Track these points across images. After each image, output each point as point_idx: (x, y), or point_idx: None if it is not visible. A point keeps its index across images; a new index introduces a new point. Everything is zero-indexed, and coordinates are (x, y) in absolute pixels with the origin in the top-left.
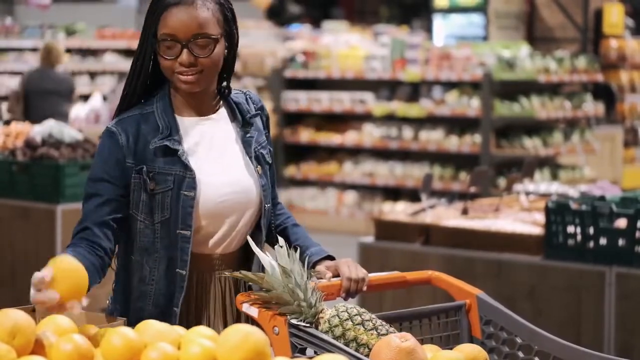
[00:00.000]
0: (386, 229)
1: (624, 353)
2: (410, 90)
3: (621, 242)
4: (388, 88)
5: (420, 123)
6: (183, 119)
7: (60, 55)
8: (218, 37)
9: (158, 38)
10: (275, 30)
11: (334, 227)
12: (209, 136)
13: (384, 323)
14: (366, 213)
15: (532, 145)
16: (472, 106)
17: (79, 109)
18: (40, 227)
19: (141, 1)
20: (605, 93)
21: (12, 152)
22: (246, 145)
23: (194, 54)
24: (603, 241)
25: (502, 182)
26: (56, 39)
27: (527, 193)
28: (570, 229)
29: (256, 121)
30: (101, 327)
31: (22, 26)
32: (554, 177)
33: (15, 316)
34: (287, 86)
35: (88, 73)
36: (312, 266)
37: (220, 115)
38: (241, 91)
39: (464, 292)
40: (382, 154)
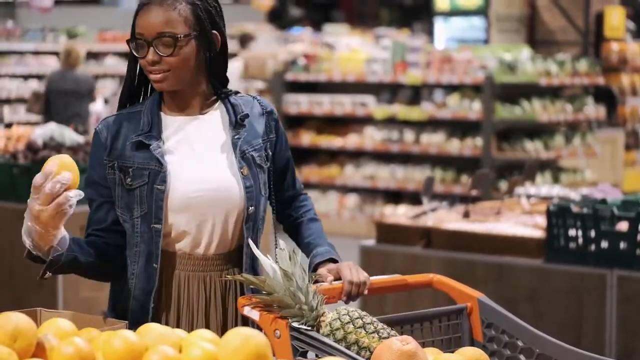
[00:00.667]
0: (387, 232)
1: (625, 356)
2: (411, 93)
3: (622, 245)
4: (389, 91)
5: (421, 126)
6: (168, 117)
7: (79, 57)
8: (182, 37)
9: (134, 38)
10: (276, 33)
11: (336, 230)
12: (193, 135)
13: (385, 326)
14: (367, 216)
15: (534, 148)
16: (474, 109)
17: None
18: None
19: None
20: (606, 96)
21: (14, 155)
22: (233, 146)
23: (159, 53)
24: (604, 244)
25: (504, 185)
26: (58, 42)
27: (529, 196)
28: (571, 232)
29: (252, 123)
30: (102, 330)
31: (24, 29)
32: (555, 180)
33: (16, 319)
34: (288, 89)
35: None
36: (314, 268)
37: (211, 116)
38: (251, 96)
39: (465, 295)
40: (384, 157)
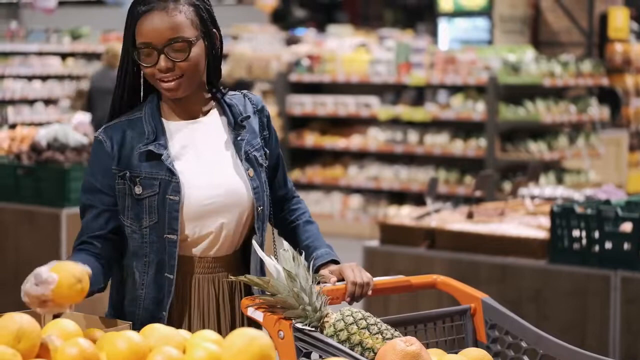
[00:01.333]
0: (391, 233)
1: (629, 357)
2: (415, 94)
3: (626, 246)
4: (393, 92)
5: (425, 127)
6: (170, 123)
7: (117, 56)
8: (194, 40)
9: (137, 47)
10: (280, 34)
11: (339, 231)
12: (197, 140)
13: (389, 327)
14: (371, 217)
15: (537, 149)
16: (477, 110)
17: (84, 113)
18: (45, 231)
19: None
20: (610, 97)
21: (18, 156)
22: (237, 148)
23: (171, 59)
24: (608, 245)
25: (507, 186)
26: (61, 43)
27: (532, 197)
28: (575, 233)
29: (250, 123)
30: (106, 331)
31: (28, 30)
32: (559, 181)
33: (20, 320)
34: (292, 90)
35: None
36: (316, 271)
37: (211, 118)
38: (240, 92)
39: (469, 296)
40: (387, 158)
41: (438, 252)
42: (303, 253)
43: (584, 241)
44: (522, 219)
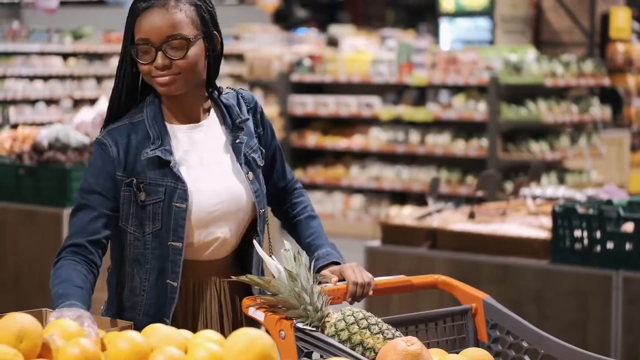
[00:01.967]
0: (393, 233)
1: (631, 357)
2: (416, 94)
3: (628, 246)
4: (395, 92)
5: (426, 127)
6: (173, 127)
7: None
8: (192, 38)
9: (135, 44)
10: (281, 34)
11: (341, 231)
12: (199, 144)
13: (390, 327)
14: (373, 217)
15: (539, 149)
16: (479, 110)
17: (86, 113)
18: (46, 231)
19: None
20: (612, 97)
21: (19, 156)
22: (236, 151)
23: (169, 57)
24: (610, 245)
25: (509, 186)
26: (63, 43)
27: (534, 197)
28: (577, 233)
29: (247, 124)
30: (108, 331)
31: (29, 30)
32: (561, 181)
33: (22, 320)
34: (294, 90)
35: (95, 77)
36: (318, 270)
37: (210, 120)
38: (233, 90)
39: (470, 296)
40: (389, 158)
41: (439, 252)
42: (303, 249)
43: (586, 241)
44: (524, 219)
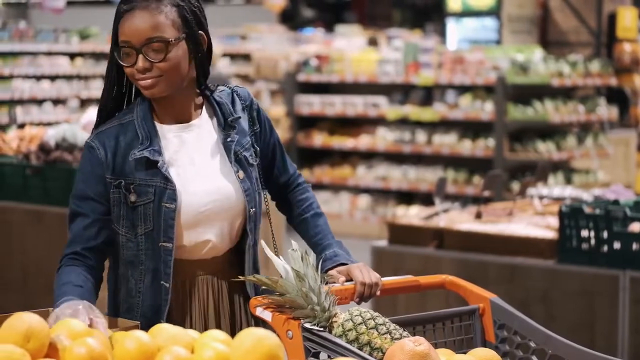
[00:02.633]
0: (400, 233)
1: (638, 357)
2: (423, 94)
3: (635, 246)
4: (401, 92)
5: (433, 127)
6: (163, 127)
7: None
8: (173, 40)
9: (119, 46)
10: (288, 34)
11: (348, 231)
12: (190, 144)
13: (398, 327)
14: (380, 217)
15: (546, 149)
16: (486, 110)
17: (92, 113)
18: (53, 231)
19: None
20: (618, 97)
21: (26, 156)
22: (226, 149)
23: (149, 59)
24: (617, 245)
25: (516, 186)
26: (70, 43)
27: (541, 197)
28: (584, 233)
29: (240, 122)
30: (115, 331)
31: (36, 30)
32: (568, 181)
33: (29, 320)
34: (301, 90)
35: (102, 77)
36: (325, 270)
37: (202, 119)
38: (228, 87)
39: (478, 296)
40: (396, 158)
41: (446, 252)
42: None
43: (593, 241)
44: (531, 219)
